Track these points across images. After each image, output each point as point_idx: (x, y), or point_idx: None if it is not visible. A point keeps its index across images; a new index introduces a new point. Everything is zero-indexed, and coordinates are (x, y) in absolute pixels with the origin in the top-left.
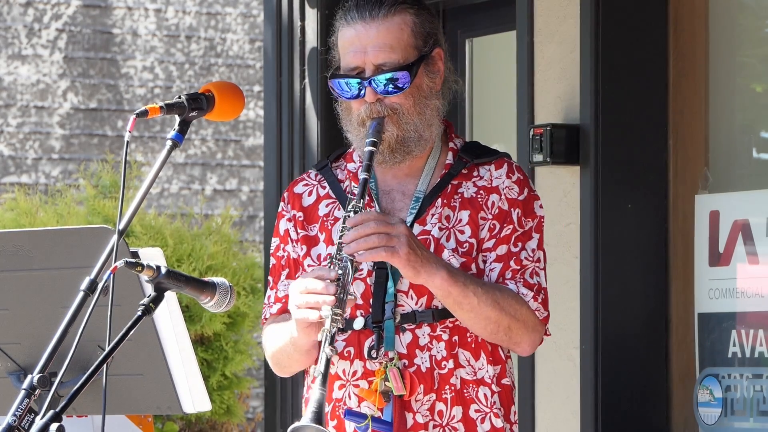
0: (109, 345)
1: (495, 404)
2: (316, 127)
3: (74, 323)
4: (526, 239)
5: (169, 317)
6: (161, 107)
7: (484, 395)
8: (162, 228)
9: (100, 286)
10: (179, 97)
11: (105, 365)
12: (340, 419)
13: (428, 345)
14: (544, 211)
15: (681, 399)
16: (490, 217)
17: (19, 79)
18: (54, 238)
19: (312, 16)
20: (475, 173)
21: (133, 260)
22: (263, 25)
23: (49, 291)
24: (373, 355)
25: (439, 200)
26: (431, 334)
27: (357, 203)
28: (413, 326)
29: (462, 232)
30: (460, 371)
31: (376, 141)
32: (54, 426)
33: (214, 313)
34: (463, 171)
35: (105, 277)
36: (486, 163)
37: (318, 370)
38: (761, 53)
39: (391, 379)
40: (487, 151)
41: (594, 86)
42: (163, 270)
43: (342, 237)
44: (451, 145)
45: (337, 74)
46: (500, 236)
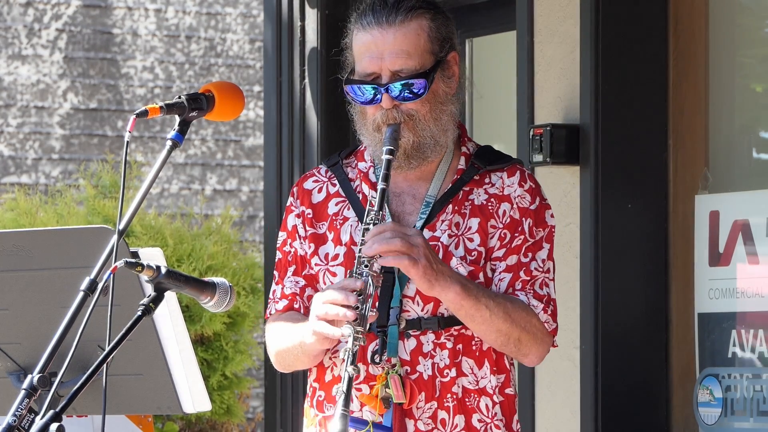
0: (109, 345)
1: (496, 415)
2: (316, 127)
3: (74, 323)
4: (537, 249)
5: (169, 317)
6: (161, 107)
7: (486, 406)
8: (162, 228)
9: (100, 286)
10: (179, 97)
11: (105, 365)
12: None
13: (431, 352)
14: None
15: (681, 399)
16: (500, 226)
17: (19, 79)
18: (54, 238)
19: (312, 16)
20: (487, 180)
21: (133, 260)
22: (263, 25)
23: (49, 291)
24: (376, 360)
25: (450, 206)
26: (435, 341)
27: (377, 215)
28: (418, 333)
29: (471, 240)
30: (462, 380)
31: (393, 149)
32: (54, 426)
33: (214, 313)
34: (475, 177)
35: (105, 277)
36: (498, 170)
37: (340, 389)
38: (761, 53)
39: (392, 386)
40: (499, 156)
41: (594, 86)
42: (163, 270)
43: (361, 250)
44: (463, 150)
45: (352, 80)
46: (511, 246)
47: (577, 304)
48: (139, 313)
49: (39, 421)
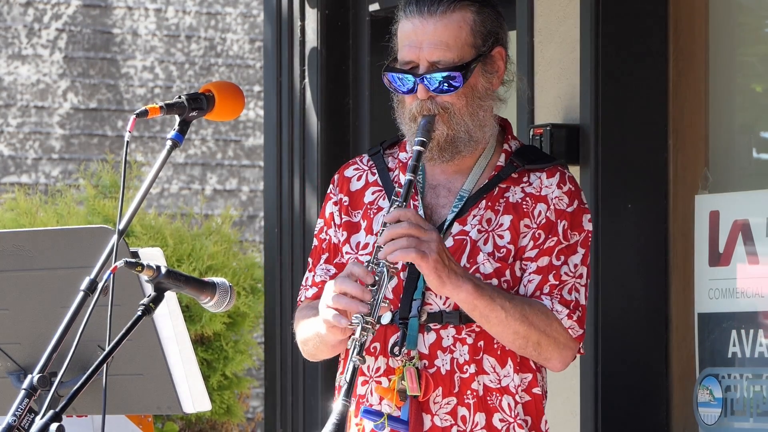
0: (109, 345)
1: (519, 415)
2: (316, 127)
3: (74, 323)
4: (570, 253)
5: (169, 317)
6: (161, 107)
7: (508, 405)
8: (162, 228)
9: (100, 286)
10: (179, 97)
11: (105, 365)
12: None
13: (451, 347)
14: None
15: (681, 399)
16: (534, 226)
17: (19, 79)
18: (54, 238)
19: (312, 16)
20: (525, 179)
21: (133, 260)
22: (263, 25)
23: (49, 291)
24: (396, 353)
25: (483, 202)
26: (456, 336)
27: (400, 205)
28: (438, 326)
29: (501, 236)
30: (483, 378)
31: (425, 141)
32: (54, 426)
33: (214, 313)
34: (513, 175)
35: (105, 277)
36: (538, 170)
37: (344, 379)
38: (761, 53)
39: (407, 378)
40: (541, 156)
41: (594, 86)
42: (163, 270)
43: (378, 239)
44: (505, 147)
45: (392, 67)
46: (543, 247)
47: None
48: (139, 313)
49: (39, 421)
